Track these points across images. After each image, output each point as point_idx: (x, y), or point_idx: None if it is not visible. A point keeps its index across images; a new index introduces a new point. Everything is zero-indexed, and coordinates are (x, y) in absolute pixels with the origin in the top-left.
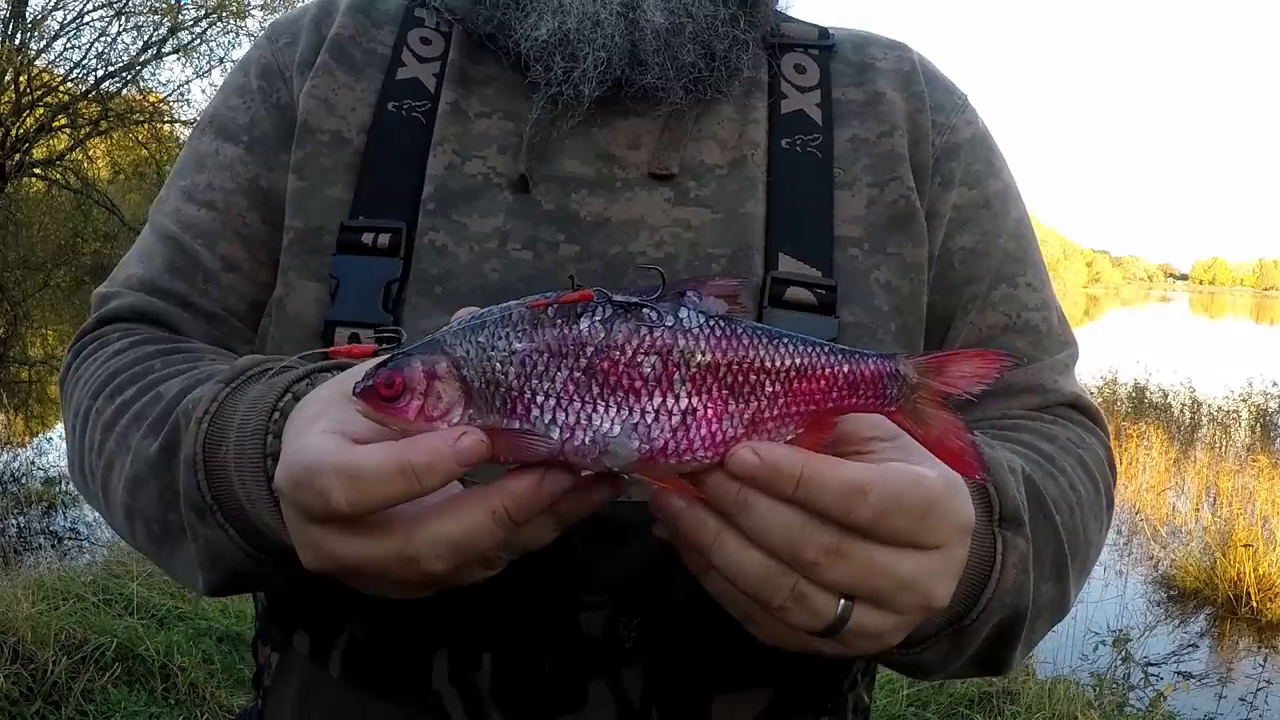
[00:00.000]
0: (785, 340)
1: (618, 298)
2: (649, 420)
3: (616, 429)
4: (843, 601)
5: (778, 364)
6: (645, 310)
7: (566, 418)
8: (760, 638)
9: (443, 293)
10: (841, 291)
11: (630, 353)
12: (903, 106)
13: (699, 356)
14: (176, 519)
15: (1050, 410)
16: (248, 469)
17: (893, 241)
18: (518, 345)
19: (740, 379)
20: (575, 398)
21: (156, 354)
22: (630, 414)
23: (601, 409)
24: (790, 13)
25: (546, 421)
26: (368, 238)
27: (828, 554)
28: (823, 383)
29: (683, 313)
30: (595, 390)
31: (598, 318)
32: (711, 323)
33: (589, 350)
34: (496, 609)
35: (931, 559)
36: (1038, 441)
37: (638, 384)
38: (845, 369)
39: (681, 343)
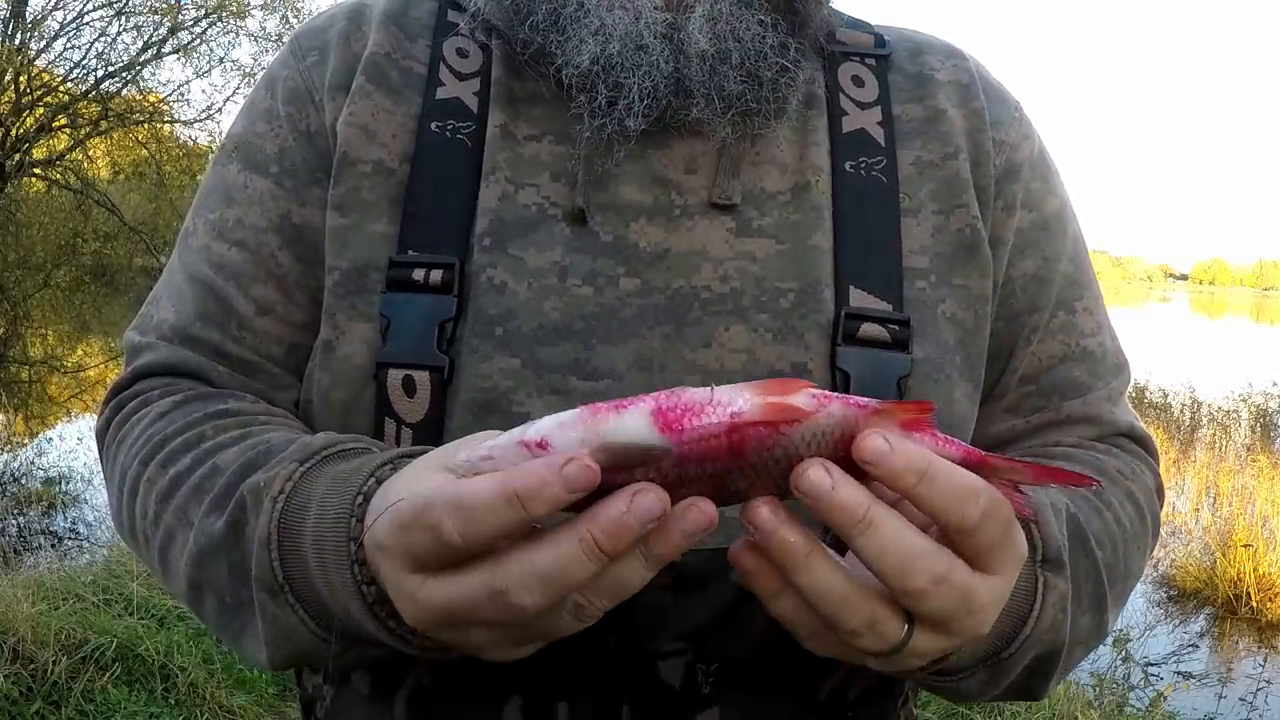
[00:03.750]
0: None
1: None
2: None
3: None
4: (905, 627)
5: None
6: None
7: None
8: (811, 648)
9: (504, 334)
10: (911, 326)
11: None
12: (962, 125)
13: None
14: (249, 593)
15: (1106, 440)
16: (329, 552)
17: (959, 273)
18: None
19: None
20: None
21: (205, 418)
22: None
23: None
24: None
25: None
26: (419, 274)
27: (935, 582)
28: None
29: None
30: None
31: None
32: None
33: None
34: (571, 658)
35: (995, 585)
36: (1087, 474)
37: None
38: None
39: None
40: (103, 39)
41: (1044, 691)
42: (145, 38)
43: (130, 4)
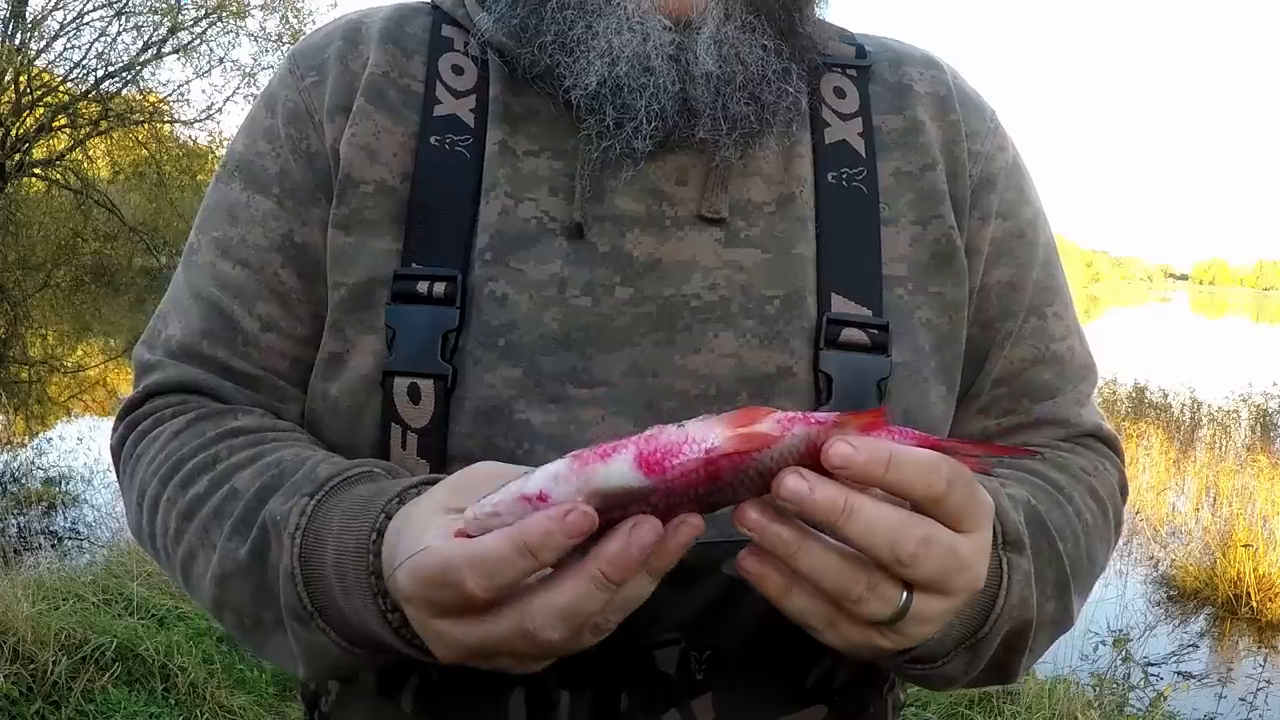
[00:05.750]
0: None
1: None
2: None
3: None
4: (904, 593)
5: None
6: None
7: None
8: (832, 641)
9: (506, 344)
10: (890, 331)
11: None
12: (939, 137)
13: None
14: (270, 615)
15: (1072, 440)
16: (352, 584)
17: (935, 281)
18: None
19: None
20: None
21: (217, 438)
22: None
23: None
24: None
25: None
26: (422, 286)
27: (922, 544)
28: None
29: None
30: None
31: None
32: None
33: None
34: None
35: (975, 540)
36: (1050, 471)
37: None
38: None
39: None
40: (103, 39)
41: (1017, 670)
42: (145, 38)
43: (130, 4)
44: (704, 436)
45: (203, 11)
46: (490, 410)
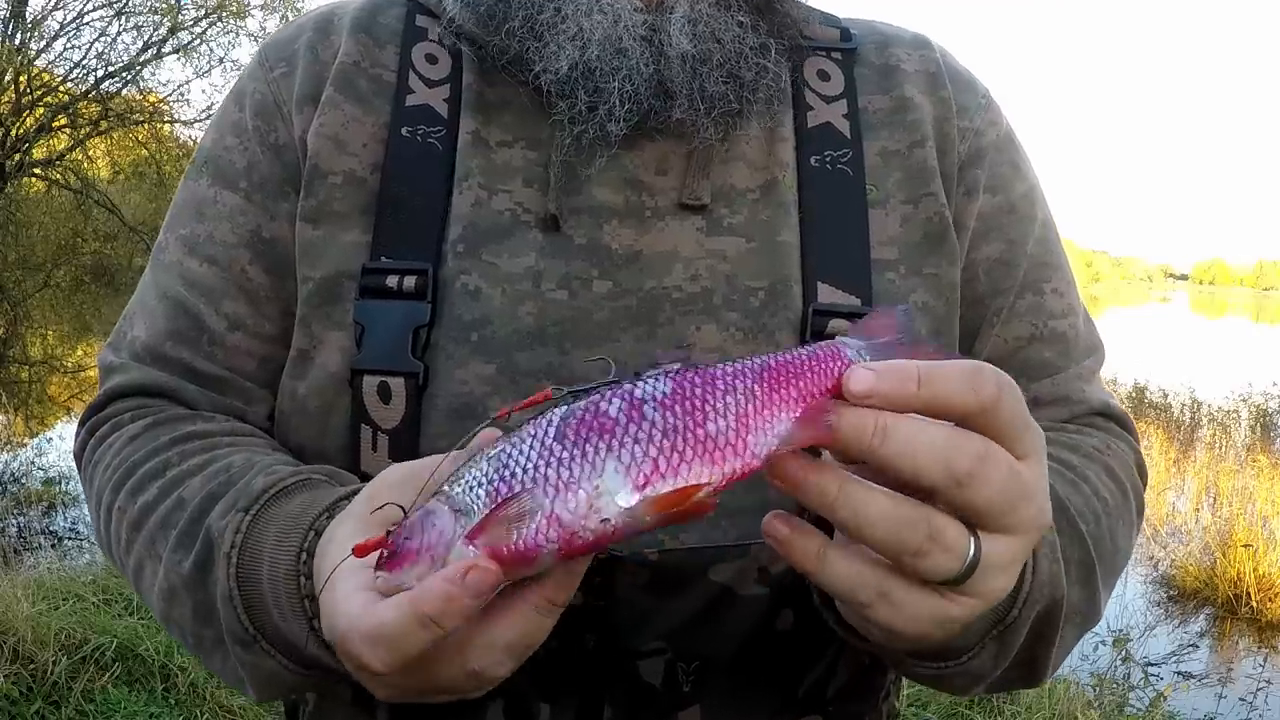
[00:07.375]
0: (732, 361)
1: (575, 389)
2: (632, 450)
3: (605, 469)
4: (972, 539)
5: (738, 367)
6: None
7: (553, 485)
8: (883, 619)
9: (479, 340)
10: None
11: (595, 409)
12: (930, 112)
13: (662, 387)
14: (210, 634)
15: (1078, 420)
16: (287, 608)
17: (929, 262)
18: (491, 453)
19: (706, 397)
20: (553, 464)
21: (170, 444)
22: (611, 451)
23: (581, 460)
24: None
25: (538, 499)
26: (392, 280)
27: (979, 460)
28: (787, 368)
29: (638, 381)
30: (570, 450)
31: (559, 407)
32: (667, 368)
33: (555, 421)
34: (553, 660)
35: (1034, 467)
36: (1061, 453)
37: (608, 425)
38: (798, 351)
39: (641, 386)
40: (103, 39)
41: (1046, 664)
42: (145, 38)
43: (130, 4)
44: (631, 519)
45: (203, 11)
46: (463, 408)
